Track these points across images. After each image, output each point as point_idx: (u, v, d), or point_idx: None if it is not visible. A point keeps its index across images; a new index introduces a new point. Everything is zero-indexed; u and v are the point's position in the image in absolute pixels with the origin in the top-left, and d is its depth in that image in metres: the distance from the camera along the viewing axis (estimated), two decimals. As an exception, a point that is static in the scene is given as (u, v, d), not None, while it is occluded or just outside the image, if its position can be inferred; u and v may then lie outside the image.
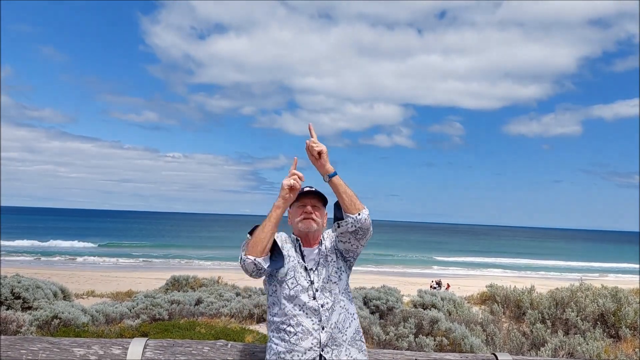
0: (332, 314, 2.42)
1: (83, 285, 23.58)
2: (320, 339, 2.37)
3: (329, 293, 2.45)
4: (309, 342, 2.35)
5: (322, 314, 2.40)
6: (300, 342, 2.35)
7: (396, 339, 7.67)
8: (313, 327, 2.38)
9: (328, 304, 2.42)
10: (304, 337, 2.36)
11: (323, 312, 2.40)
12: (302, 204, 2.55)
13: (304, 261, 2.51)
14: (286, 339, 2.38)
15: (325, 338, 2.37)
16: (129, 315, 9.98)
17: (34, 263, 39.38)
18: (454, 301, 10.20)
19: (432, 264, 54.59)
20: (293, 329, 2.38)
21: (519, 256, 69.13)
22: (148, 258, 48.83)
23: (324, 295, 2.43)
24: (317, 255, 2.54)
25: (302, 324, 2.37)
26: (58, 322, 8.59)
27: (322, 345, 2.36)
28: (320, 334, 2.37)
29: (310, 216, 2.53)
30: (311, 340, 2.36)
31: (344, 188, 2.42)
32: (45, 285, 11.42)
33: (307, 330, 2.37)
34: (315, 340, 2.36)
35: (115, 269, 37.16)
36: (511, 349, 7.36)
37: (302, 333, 2.36)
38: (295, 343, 2.36)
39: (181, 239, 76.62)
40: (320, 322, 2.39)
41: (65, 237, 68.44)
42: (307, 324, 2.38)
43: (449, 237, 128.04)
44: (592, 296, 8.62)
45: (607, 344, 7.28)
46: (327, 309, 2.41)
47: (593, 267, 56.10)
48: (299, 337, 2.36)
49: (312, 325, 2.38)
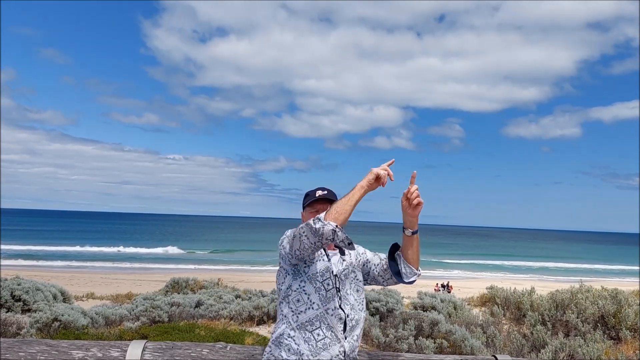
0: (356, 327, 2.40)
1: (83, 287, 23.57)
2: (346, 349, 2.33)
3: (351, 305, 2.41)
4: (336, 350, 2.30)
5: (348, 324, 2.36)
6: (328, 348, 2.29)
7: (396, 341, 7.65)
8: (341, 335, 2.33)
9: (352, 315, 2.39)
10: (332, 344, 2.30)
11: (348, 321, 2.37)
12: (314, 209, 2.50)
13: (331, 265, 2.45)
14: (312, 342, 2.29)
15: (348, 348, 2.35)
16: (129, 318, 9.96)
17: (34, 265, 39.34)
18: (454, 303, 10.18)
19: (431, 265, 54.50)
20: (323, 332, 2.30)
21: (519, 258, 69.10)
22: (148, 260, 48.82)
23: (346, 305, 2.40)
24: (341, 264, 2.47)
25: (332, 329, 2.32)
26: (58, 325, 8.57)
27: (347, 355, 2.33)
28: (345, 344, 2.34)
29: None
30: (338, 348, 2.31)
31: (418, 245, 2.50)
32: (45, 287, 11.40)
33: (335, 337, 2.31)
34: (342, 348, 2.32)
35: (115, 271, 37.13)
36: (511, 351, 7.35)
37: (330, 339, 2.30)
38: (322, 348, 2.28)
39: (181, 241, 76.54)
40: (345, 332, 2.35)
41: (65, 239, 68.43)
42: (337, 330, 2.32)
43: (448, 238, 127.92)
44: (592, 298, 8.61)
45: (607, 345, 7.26)
46: (351, 319, 2.38)
47: (593, 269, 56.06)
48: (326, 343, 2.29)
49: (339, 332, 2.33)
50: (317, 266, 2.38)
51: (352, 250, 2.49)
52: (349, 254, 2.54)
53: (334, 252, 2.50)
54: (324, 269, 2.38)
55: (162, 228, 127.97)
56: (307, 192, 2.60)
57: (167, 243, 72.82)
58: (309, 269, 2.37)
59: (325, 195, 2.51)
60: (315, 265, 2.38)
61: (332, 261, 2.45)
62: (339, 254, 2.51)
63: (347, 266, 2.47)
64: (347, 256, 2.53)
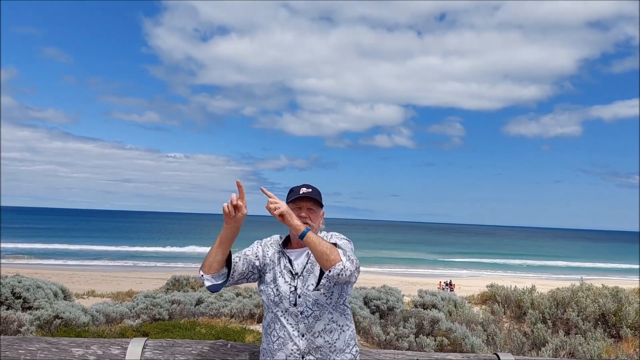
0: (316, 322, 2.39)
1: (83, 285, 23.61)
2: (300, 346, 2.36)
3: (313, 302, 2.40)
4: (289, 348, 2.37)
5: (301, 321, 2.38)
6: (282, 347, 2.38)
7: (396, 339, 7.65)
8: (293, 333, 2.38)
9: (308, 312, 2.39)
10: (285, 342, 2.38)
11: (302, 319, 2.38)
12: (297, 206, 2.50)
13: (291, 265, 2.47)
14: (271, 342, 2.43)
15: (304, 345, 2.36)
16: (130, 315, 9.97)
17: (35, 263, 39.38)
18: (454, 301, 10.18)
19: (432, 264, 54.55)
20: (276, 333, 2.41)
21: (520, 256, 69.10)
22: (149, 258, 48.88)
23: (306, 302, 2.39)
24: (307, 260, 2.47)
25: (284, 329, 2.39)
26: (59, 322, 8.58)
27: (302, 352, 2.36)
28: (300, 341, 2.37)
29: (305, 220, 2.46)
30: (291, 347, 2.37)
31: (314, 245, 2.26)
32: (45, 285, 11.41)
33: (287, 336, 2.38)
34: (295, 346, 2.36)
35: (116, 269, 37.17)
36: (512, 349, 7.34)
37: (283, 338, 2.39)
38: (277, 348, 2.39)
39: (182, 239, 76.60)
40: (300, 330, 2.38)
41: (66, 237, 68.49)
42: (289, 329, 2.39)
43: (449, 237, 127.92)
44: (592, 296, 8.60)
45: (608, 344, 7.26)
46: (307, 316, 2.38)
47: (594, 267, 56.06)
48: (280, 342, 2.39)
49: (292, 331, 2.38)
50: (270, 274, 2.48)
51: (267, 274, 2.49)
52: None
53: (301, 250, 2.50)
54: (277, 273, 2.47)
55: (163, 226, 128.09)
56: (292, 188, 2.58)
57: (168, 241, 72.89)
58: (264, 277, 2.50)
59: (310, 193, 2.51)
60: (269, 273, 2.49)
61: (294, 260, 2.48)
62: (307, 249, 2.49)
63: (312, 261, 2.45)
64: None
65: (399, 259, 58.03)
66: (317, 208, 2.54)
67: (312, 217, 2.50)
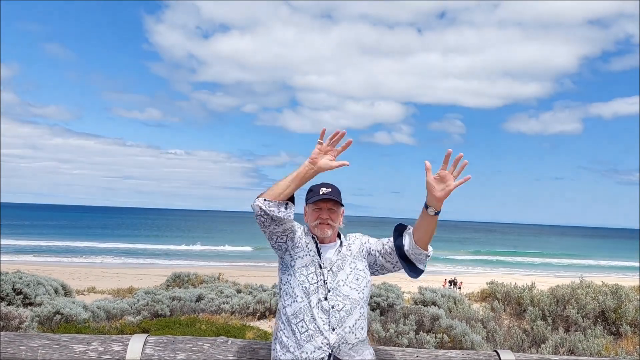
0: (347, 317, 2.38)
1: (84, 281, 23.63)
2: (330, 340, 2.34)
3: (344, 297, 2.40)
4: (319, 342, 2.33)
5: (332, 315, 2.36)
6: (310, 339, 2.33)
7: (396, 336, 7.66)
8: (324, 327, 2.35)
9: (339, 306, 2.38)
10: (315, 336, 2.34)
11: (333, 313, 2.36)
12: (317, 207, 2.51)
13: (320, 258, 2.48)
14: (296, 334, 2.36)
15: (334, 340, 2.34)
16: (130, 312, 9.98)
17: (35, 259, 39.43)
18: (454, 298, 10.19)
19: (432, 260, 54.46)
20: (305, 324, 2.35)
21: (520, 253, 69.11)
22: (149, 254, 48.90)
23: (336, 297, 2.39)
24: (336, 255, 2.50)
25: (314, 321, 2.35)
26: (59, 319, 8.59)
27: (331, 346, 2.34)
28: (330, 335, 2.34)
29: (326, 221, 2.49)
30: (321, 340, 2.33)
31: (434, 226, 2.40)
32: (46, 281, 11.44)
33: (318, 329, 2.34)
34: (325, 340, 2.34)
35: (116, 266, 37.22)
36: (512, 346, 7.35)
37: (313, 331, 2.34)
38: (306, 339, 2.33)
39: (182, 236, 76.63)
40: (331, 324, 2.36)
41: (67, 234, 68.54)
42: (319, 322, 2.35)
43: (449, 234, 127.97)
44: (592, 293, 8.61)
45: (607, 341, 7.27)
46: (338, 310, 2.37)
47: (594, 264, 56.06)
48: (309, 335, 2.34)
49: (322, 325, 2.35)
50: (303, 260, 2.46)
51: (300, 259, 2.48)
52: (347, 245, 2.55)
53: (331, 245, 2.53)
54: (308, 263, 2.45)
55: (164, 223, 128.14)
56: (311, 187, 2.58)
57: (168, 237, 72.92)
58: (295, 263, 2.46)
59: (329, 194, 2.51)
60: (302, 259, 2.46)
61: (323, 254, 2.49)
62: (339, 246, 2.53)
63: (341, 257, 2.49)
64: (345, 247, 2.54)
65: (399, 256, 57.95)
66: (338, 207, 2.56)
67: (333, 217, 2.51)
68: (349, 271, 2.47)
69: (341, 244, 2.54)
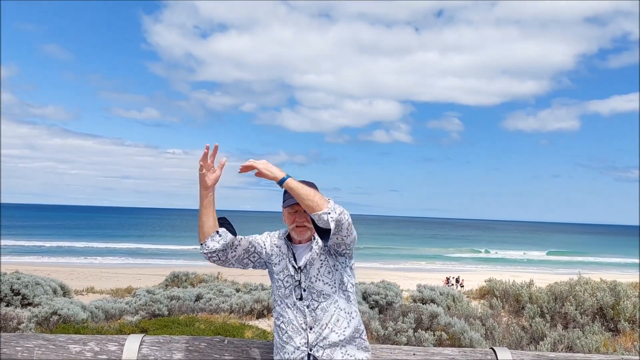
0: (324, 314, 2.41)
1: (82, 281, 23.62)
2: (308, 339, 2.39)
3: (318, 293, 2.43)
4: (298, 341, 2.40)
5: (308, 315, 2.41)
6: (290, 341, 2.42)
7: (395, 334, 7.67)
8: (301, 326, 2.41)
9: (314, 305, 2.42)
10: (294, 336, 2.42)
11: (309, 312, 2.42)
12: (292, 210, 2.49)
13: (295, 261, 2.50)
14: (280, 336, 2.47)
15: (313, 338, 2.39)
16: (129, 312, 9.98)
17: (34, 260, 39.39)
18: (453, 296, 10.21)
19: (431, 258, 54.67)
20: (285, 326, 2.45)
21: (518, 250, 69.23)
22: (148, 254, 48.88)
23: (311, 295, 2.43)
24: (309, 254, 2.49)
25: (292, 323, 2.43)
26: (57, 319, 8.59)
27: (309, 344, 2.38)
28: (308, 334, 2.40)
29: (302, 224, 2.48)
30: (299, 340, 2.40)
31: (297, 190, 2.25)
32: (44, 281, 11.43)
33: (296, 329, 2.42)
34: (304, 339, 2.40)
35: (115, 266, 37.21)
36: (510, 343, 7.36)
37: (291, 332, 2.42)
38: (286, 341, 2.43)
39: (181, 236, 76.58)
40: (307, 323, 2.41)
41: (65, 234, 68.47)
42: (296, 323, 2.42)
43: (447, 231, 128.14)
44: (590, 290, 8.63)
45: (605, 337, 7.29)
46: (314, 309, 2.41)
47: (592, 261, 56.18)
48: (289, 335, 2.43)
49: (299, 324, 2.42)
50: (279, 265, 2.53)
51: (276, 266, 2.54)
52: (316, 240, 2.49)
53: (305, 245, 2.51)
54: (284, 267, 2.51)
55: (162, 222, 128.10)
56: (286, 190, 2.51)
57: (167, 237, 72.88)
58: (274, 269, 2.54)
59: None
60: (278, 264, 2.53)
61: (297, 255, 2.50)
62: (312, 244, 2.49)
63: (313, 254, 2.47)
64: (315, 243, 2.49)
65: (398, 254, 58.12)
66: None
67: (308, 219, 2.43)
68: (319, 265, 2.46)
69: (313, 241, 2.51)
